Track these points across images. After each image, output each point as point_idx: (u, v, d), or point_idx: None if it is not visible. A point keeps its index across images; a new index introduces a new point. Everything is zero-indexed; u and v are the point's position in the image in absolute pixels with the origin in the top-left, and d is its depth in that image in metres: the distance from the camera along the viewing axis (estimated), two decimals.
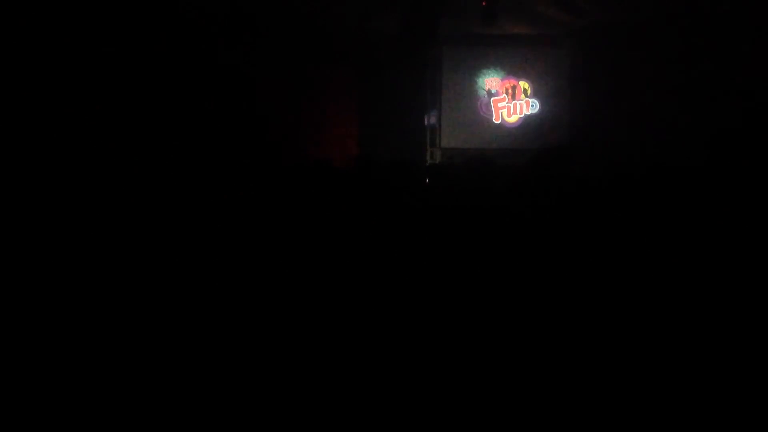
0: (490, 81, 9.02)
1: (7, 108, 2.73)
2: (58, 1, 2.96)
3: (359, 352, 1.99)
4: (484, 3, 7.61)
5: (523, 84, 9.02)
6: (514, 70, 8.97)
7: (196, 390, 1.85)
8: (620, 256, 2.14)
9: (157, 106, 3.58)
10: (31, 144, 2.74)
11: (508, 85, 9.04)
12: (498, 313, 2.07)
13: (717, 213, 2.24)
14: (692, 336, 1.88)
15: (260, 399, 1.87)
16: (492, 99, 9.03)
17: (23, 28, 2.77)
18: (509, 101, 9.05)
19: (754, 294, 1.90)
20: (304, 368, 1.94)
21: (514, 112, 9.06)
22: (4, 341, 1.87)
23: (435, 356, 1.97)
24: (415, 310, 2.10)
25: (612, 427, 1.80)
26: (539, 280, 2.12)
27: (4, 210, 2.53)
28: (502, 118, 9.05)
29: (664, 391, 1.80)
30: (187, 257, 2.33)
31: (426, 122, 8.43)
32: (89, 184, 2.89)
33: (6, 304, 1.96)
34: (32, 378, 1.82)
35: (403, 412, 1.85)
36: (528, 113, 9.02)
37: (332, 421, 1.85)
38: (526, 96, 9.04)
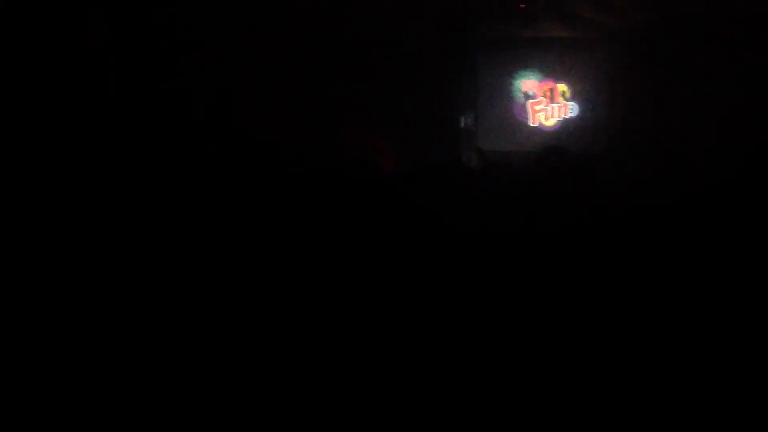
0: (527, 83, 8.92)
1: None
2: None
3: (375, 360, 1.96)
4: (522, 5, 7.55)
5: (562, 87, 8.90)
6: (552, 72, 8.85)
7: (196, 390, 1.81)
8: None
9: (175, 116, 3.60)
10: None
11: (545, 87, 8.92)
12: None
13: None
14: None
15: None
16: (529, 102, 8.93)
17: None
18: (547, 104, 8.93)
19: None
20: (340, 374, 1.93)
21: (552, 116, 8.94)
22: (3, 341, 1.85)
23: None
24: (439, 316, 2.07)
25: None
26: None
27: None
28: (540, 122, 8.95)
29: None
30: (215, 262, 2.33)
31: (461, 124, 8.37)
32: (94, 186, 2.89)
33: (5, 304, 1.95)
34: (32, 378, 1.79)
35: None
36: (566, 116, 8.90)
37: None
38: (565, 99, 8.91)
